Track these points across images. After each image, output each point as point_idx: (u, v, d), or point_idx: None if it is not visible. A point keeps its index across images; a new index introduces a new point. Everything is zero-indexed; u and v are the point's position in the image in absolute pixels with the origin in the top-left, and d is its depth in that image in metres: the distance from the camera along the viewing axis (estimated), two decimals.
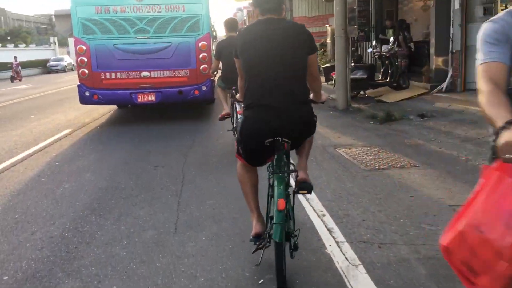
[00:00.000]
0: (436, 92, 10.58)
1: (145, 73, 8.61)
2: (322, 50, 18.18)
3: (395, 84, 11.22)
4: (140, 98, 8.72)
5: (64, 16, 56.00)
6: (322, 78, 15.08)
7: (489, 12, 10.01)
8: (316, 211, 4.02)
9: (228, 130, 7.21)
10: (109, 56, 8.52)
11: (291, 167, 3.02)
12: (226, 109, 7.00)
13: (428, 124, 7.62)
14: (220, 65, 6.66)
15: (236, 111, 6.26)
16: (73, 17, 8.52)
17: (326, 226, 3.69)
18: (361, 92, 11.33)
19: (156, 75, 8.65)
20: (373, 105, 10.17)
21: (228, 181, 5.05)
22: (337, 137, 7.09)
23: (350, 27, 9.41)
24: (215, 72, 7.00)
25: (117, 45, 8.51)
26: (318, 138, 7.00)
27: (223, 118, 6.96)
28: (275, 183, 2.70)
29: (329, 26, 10.04)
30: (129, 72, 8.59)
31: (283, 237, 2.50)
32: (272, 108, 2.72)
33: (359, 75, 10.88)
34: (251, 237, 3.03)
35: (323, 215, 3.91)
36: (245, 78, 2.86)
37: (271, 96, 2.72)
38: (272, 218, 2.74)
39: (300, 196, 4.22)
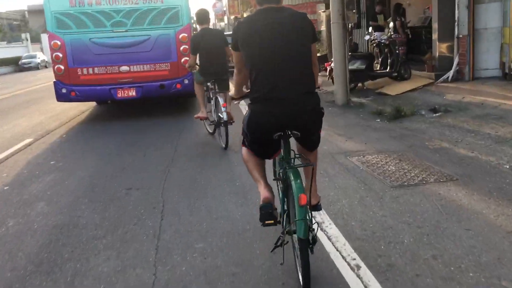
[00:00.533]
0: (442, 82, 9.58)
1: (124, 68, 8.32)
2: None
3: (395, 74, 10.20)
4: (120, 93, 8.41)
5: (37, 12, 53.63)
6: None
7: None
8: (346, 258, 2.94)
9: (209, 133, 6.92)
10: (85, 51, 8.21)
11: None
12: (203, 112, 6.72)
13: (446, 120, 6.59)
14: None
15: (221, 104, 5.91)
16: (46, 11, 8.15)
17: (366, 287, 2.62)
18: (359, 84, 10.30)
19: (136, 69, 8.38)
20: (375, 98, 9.13)
21: (221, 209, 3.94)
22: (344, 141, 6.01)
23: (348, 12, 8.32)
24: (192, 68, 6.63)
25: (94, 39, 8.19)
26: (323, 143, 5.87)
27: (198, 118, 6.80)
28: (292, 177, 2.57)
29: (323, 12, 8.91)
30: (108, 67, 8.30)
31: (307, 233, 2.42)
32: (282, 100, 2.62)
33: (357, 65, 9.83)
34: (261, 204, 2.81)
35: (358, 267, 2.83)
36: (251, 71, 2.72)
37: (283, 87, 2.63)
38: (286, 214, 2.78)
39: (319, 234, 3.16)
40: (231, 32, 3.37)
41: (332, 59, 10.21)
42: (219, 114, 6.03)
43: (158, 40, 8.35)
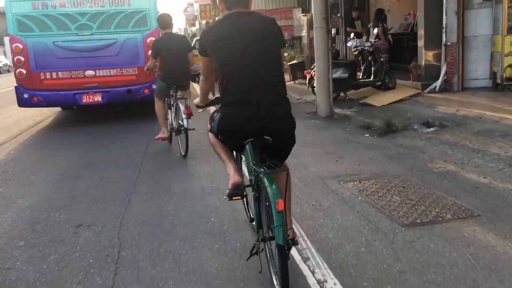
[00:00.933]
0: (429, 92, 9.01)
1: (89, 72, 8.10)
2: (287, 45, 16.44)
3: (379, 83, 9.57)
4: (85, 98, 8.17)
5: (1, 14, 51.44)
6: (287, 77, 13.32)
7: None
8: None
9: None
10: (49, 54, 7.96)
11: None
12: (164, 133, 6.42)
13: (445, 137, 5.93)
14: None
15: (181, 111, 5.73)
16: (7, 14, 7.89)
17: None
18: (341, 94, 9.62)
19: (101, 74, 8.15)
20: (360, 110, 8.45)
21: (192, 259, 3.09)
22: (334, 161, 5.26)
23: (333, 16, 7.62)
24: (150, 71, 6.41)
25: (58, 43, 7.97)
26: (309, 163, 5.15)
27: (159, 139, 6.43)
28: (267, 182, 2.45)
29: (304, 15, 8.21)
30: (72, 71, 8.06)
31: (286, 238, 2.34)
32: (257, 104, 2.58)
33: (339, 73, 9.13)
34: (228, 191, 2.71)
35: None
36: (223, 76, 2.66)
37: (258, 92, 2.59)
38: (259, 220, 2.76)
39: None
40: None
41: (313, 67, 9.53)
42: (180, 121, 5.84)
43: (125, 44, 8.15)
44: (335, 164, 5.16)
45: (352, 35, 9.90)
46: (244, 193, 2.81)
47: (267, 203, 2.49)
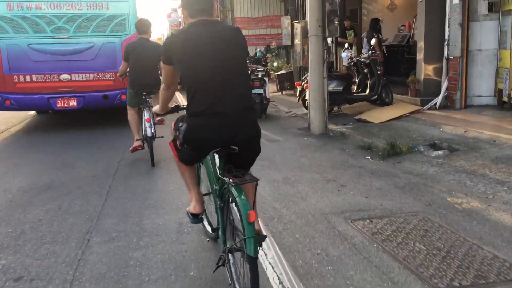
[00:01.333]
0: (428, 109, 8.36)
1: (64, 76, 7.90)
2: (273, 54, 15.77)
3: (375, 98, 8.89)
4: (60, 103, 7.95)
5: None
6: (273, 87, 12.59)
7: (495, 8, 7.94)
8: None
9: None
10: (23, 57, 7.73)
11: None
12: (138, 141, 6.03)
13: (459, 163, 5.22)
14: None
15: (144, 119, 5.67)
16: None
17: None
18: (335, 108, 8.91)
19: (77, 78, 7.96)
20: (356, 126, 7.73)
21: None
22: (337, 191, 4.49)
23: (330, 24, 6.90)
24: (123, 77, 6.19)
25: (32, 45, 7.74)
26: (308, 193, 4.38)
27: (135, 150, 6.00)
28: (235, 193, 2.40)
29: (298, 23, 7.50)
30: (47, 75, 7.85)
31: (257, 251, 2.30)
32: (224, 114, 2.51)
33: (333, 86, 8.43)
34: (192, 220, 2.97)
35: None
36: (190, 86, 2.56)
37: (226, 101, 2.52)
38: (224, 231, 2.70)
39: None
40: None
41: (304, 78, 8.82)
42: (143, 130, 5.72)
43: (102, 48, 7.96)
44: (338, 194, 4.39)
45: (346, 45, 9.22)
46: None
47: (231, 215, 2.52)
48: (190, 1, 2.65)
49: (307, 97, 8.83)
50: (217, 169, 2.71)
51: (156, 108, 3.08)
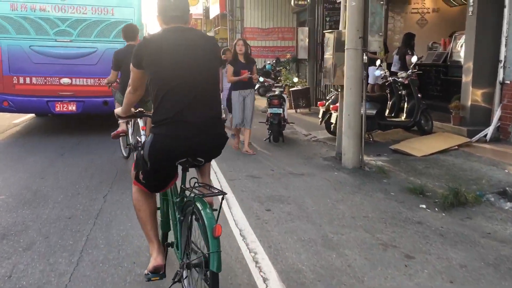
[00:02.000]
0: (476, 141, 7.09)
1: (65, 80, 7.84)
2: (287, 67, 14.60)
3: (411, 124, 7.64)
4: (59, 107, 7.87)
5: None
6: (287, 104, 11.36)
7: None
8: None
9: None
10: (24, 58, 7.67)
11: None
12: (122, 126, 5.97)
13: None
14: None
15: (140, 127, 5.42)
16: None
17: None
18: (366, 135, 7.63)
19: (78, 83, 7.91)
20: (394, 159, 6.44)
21: None
22: (403, 266, 3.19)
23: (372, 37, 5.67)
24: (110, 85, 6.22)
25: (34, 47, 7.69)
26: (363, 268, 3.08)
27: (117, 136, 5.97)
28: (200, 206, 2.36)
29: (329, 32, 6.30)
30: (47, 78, 7.79)
31: (220, 266, 2.25)
32: (190, 123, 2.48)
33: (365, 110, 7.17)
34: (147, 272, 2.69)
35: None
36: (158, 91, 2.50)
37: (192, 110, 2.48)
38: (180, 245, 2.65)
39: None
40: None
41: (329, 98, 7.62)
42: (138, 137, 5.51)
43: (105, 54, 7.73)
44: (407, 274, 3.09)
45: (378, 61, 8.02)
46: None
47: (190, 229, 2.49)
48: (165, 7, 2.59)
49: (332, 120, 7.61)
50: (181, 181, 2.65)
51: (118, 110, 3.00)
